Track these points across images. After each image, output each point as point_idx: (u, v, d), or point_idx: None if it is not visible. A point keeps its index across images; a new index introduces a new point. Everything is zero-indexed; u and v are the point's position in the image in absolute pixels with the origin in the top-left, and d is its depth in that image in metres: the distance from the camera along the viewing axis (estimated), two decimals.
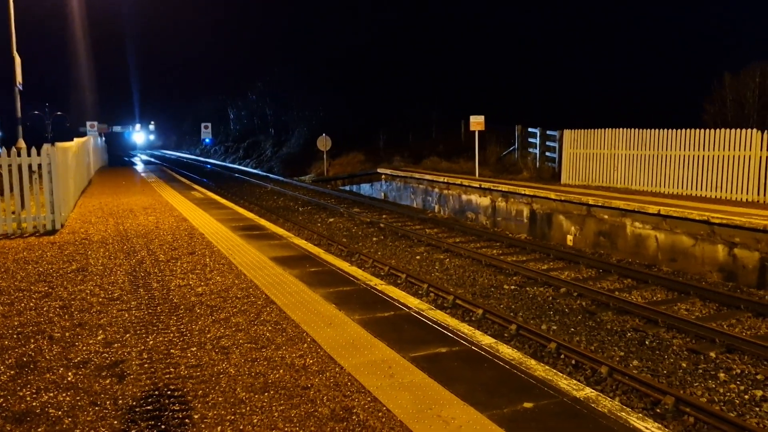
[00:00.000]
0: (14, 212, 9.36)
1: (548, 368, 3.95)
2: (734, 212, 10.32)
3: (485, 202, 15.93)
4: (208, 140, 53.22)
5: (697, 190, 13.04)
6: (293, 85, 42.23)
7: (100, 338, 4.49)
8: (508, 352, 4.23)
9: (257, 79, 49.53)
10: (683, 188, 13.30)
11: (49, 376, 3.82)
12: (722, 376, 6.12)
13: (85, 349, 4.28)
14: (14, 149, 9.34)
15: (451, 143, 25.00)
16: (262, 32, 54.85)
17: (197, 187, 17.64)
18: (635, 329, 7.49)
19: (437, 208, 18.32)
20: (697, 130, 13.14)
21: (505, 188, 15.10)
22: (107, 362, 4.03)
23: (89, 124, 34.05)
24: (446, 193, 17.83)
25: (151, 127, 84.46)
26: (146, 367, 3.94)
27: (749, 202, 11.96)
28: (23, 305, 5.34)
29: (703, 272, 10.20)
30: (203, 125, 45.69)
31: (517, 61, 36.41)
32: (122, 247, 7.96)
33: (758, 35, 31.47)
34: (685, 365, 6.41)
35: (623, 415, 3.28)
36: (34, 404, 3.44)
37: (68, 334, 4.59)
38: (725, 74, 17.20)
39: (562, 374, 3.88)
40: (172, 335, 4.53)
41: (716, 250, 10.04)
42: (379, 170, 22.97)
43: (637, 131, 14.39)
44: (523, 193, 14.46)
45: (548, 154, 18.69)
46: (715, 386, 5.89)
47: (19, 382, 3.73)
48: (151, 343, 4.38)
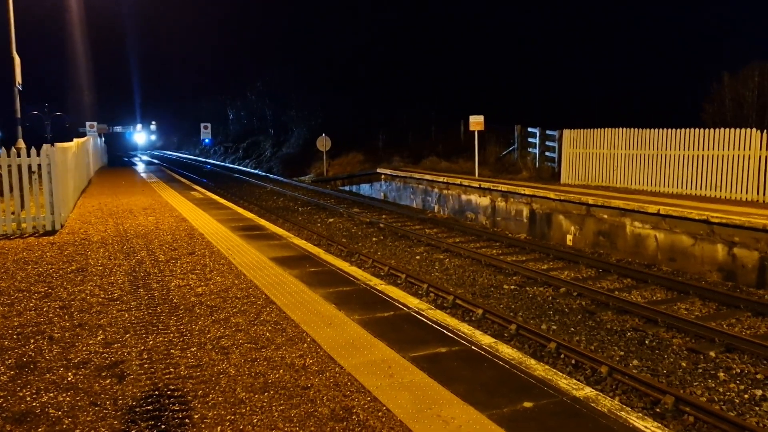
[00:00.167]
0: (14, 213, 9.36)
1: (548, 368, 3.96)
2: (733, 212, 10.32)
3: (485, 202, 15.93)
4: (207, 140, 53.12)
5: (696, 189, 13.05)
6: (293, 85, 42.17)
7: (99, 338, 4.49)
8: (508, 351, 4.23)
9: (257, 79, 49.45)
10: (683, 188, 13.31)
11: (49, 376, 3.82)
12: (722, 375, 6.13)
13: (85, 349, 4.28)
14: (14, 149, 9.35)
15: (450, 143, 24.98)
16: (261, 32, 54.76)
17: (197, 187, 17.64)
18: (635, 329, 7.50)
19: (437, 208, 18.32)
20: (696, 129, 13.15)
21: (504, 188, 15.11)
22: (107, 362, 4.03)
23: (89, 124, 33.94)
24: (446, 193, 17.84)
25: (152, 127, 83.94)
26: (146, 367, 3.94)
27: (748, 201, 11.97)
28: (23, 306, 5.34)
29: (702, 272, 10.21)
30: (203, 125, 45.59)
31: (516, 61, 36.39)
32: (122, 247, 7.96)
33: (757, 35, 31.47)
34: (684, 365, 6.41)
35: (623, 414, 3.29)
36: (34, 404, 3.44)
37: (68, 334, 4.59)
38: (724, 74, 17.17)
39: (561, 374, 3.89)
40: (171, 335, 4.53)
41: (716, 249, 10.04)
42: (378, 170, 22.97)
43: (636, 131, 14.40)
44: (522, 192, 14.47)
45: (548, 153, 18.70)
46: (714, 385, 5.90)
47: (19, 382, 3.74)
48: (150, 343, 4.38)
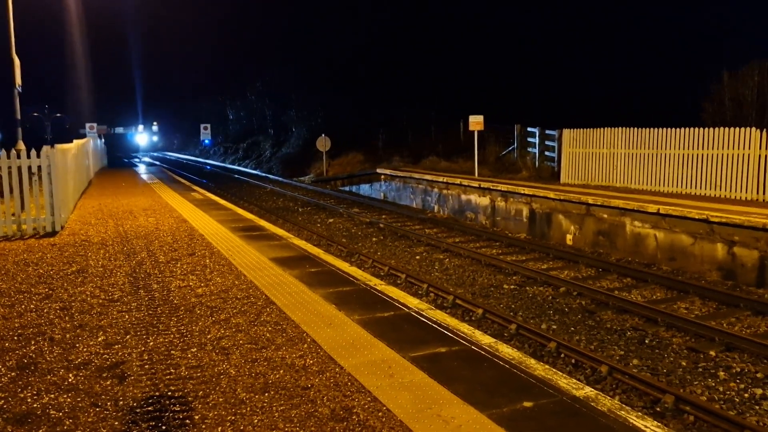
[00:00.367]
0: (14, 214, 9.37)
1: (548, 367, 3.96)
2: (733, 211, 10.33)
3: (484, 201, 15.94)
4: (207, 141, 53.09)
5: (696, 188, 13.05)
6: (293, 85, 42.16)
7: (100, 339, 4.50)
8: (507, 351, 4.23)
9: (256, 79, 49.45)
10: (682, 187, 13.31)
11: (49, 377, 3.83)
12: (722, 374, 6.13)
13: (85, 350, 4.29)
14: (14, 151, 9.36)
15: (450, 143, 24.99)
16: (261, 32, 54.75)
17: (197, 188, 17.65)
18: (635, 328, 7.50)
19: (436, 208, 18.33)
20: (696, 129, 13.15)
21: (504, 188, 15.11)
22: (108, 363, 4.04)
23: (88, 125, 33.88)
24: (445, 192, 17.84)
25: (154, 128, 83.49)
26: (147, 368, 3.95)
27: (748, 200, 11.98)
28: (24, 307, 5.35)
29: (702, 271, 10.21)
30: (202, 126, 45.54)
31: (516, 61, 36.40)
32: (122, 248, 7.96)
33: (757, 34, 31.46)
34: (684, 364, 6.42)
35: (623, 413, 3.29)
36: (35, 406, 3.45)
37: (69, 335, 4.60)
38: (724, 73, 17.19)
39: (561, 373, 3.90)
40: (172, 336, 4.54)
41: (715, 248, 10.05)
42: (378, 170, 22.98)
43: (636, 130, 14.40)
44: (522, 192, 14.47)
45: (547, 153, 18.71)
46: (714, 385, 5.90)
47: (20, 383, 3.74)
48: (151, 344, 4.39)
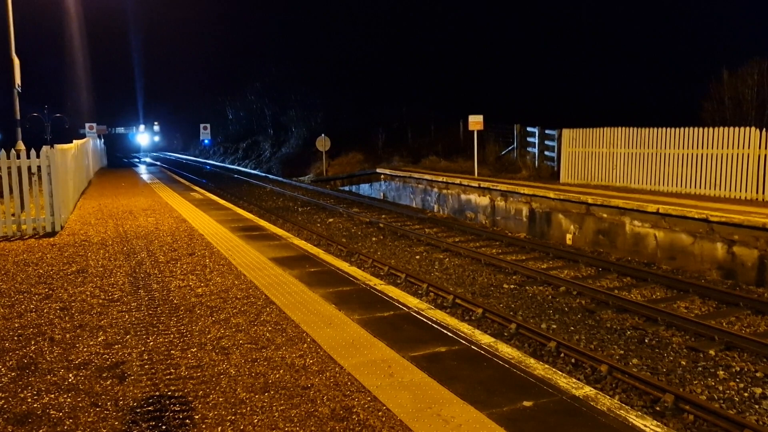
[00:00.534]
0: (14, 214, 9.38)
1: (548, 367, 3.97)
2: (733, 210, 10.34)
3: (484, 201, 15.94)
4: (207, 141, 53.05)
5: (695, 188, 13.06)
6: (292, 85, 42.17)
7: (100, 339, 4.50)
8: (507, 351, 4.24)
9: (256, 79, 49.46)
10: (682, 186, 13.32)
11: (50, 377, 3.83)
12: (722, 373, 6.13)
13: (85, 350, 4.29)
14: (14, 151, 9.36)
15: (449, 143, 25.01)
16: (261, 32, 54.80)
17: (196, 188, 17.64)
18: (635, 327, 7.50)
19: (436, 207, 18.33)
20: (695, 128, 13.16)
21: (504, 187, 15.11)
22: (108, 363, 4.04)
23: (88, 125, 33.83)
24: (445, 192, 17.84)
25: (155, 128, 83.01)
26: (147, 368, 3.95)
27: (748, 200, 11.98)
28: (24, 307, 5.35)
29: (702, 270, 10.22)
30: (202, 126, 45.49)
31: (516, 60, 36.43)
32: (122, 248, 7.97)
33: (757, 34, 31.45)
34: (684, 363, 6.42)
35: (622, 413, 3.30)
36: (35, 406, 3.45)
37: (69, 335, 4.60)
38: (723, 72, 17.17)
39: (561, 373, 3.90)
40: (172, 336, 4.54)
41: (715, 248, 10.05)
42: (378, 170, 22.98)
43: (635, 130, 14.40)
44: (522, 192, 14.48)
45: (547, 153, 18.72)
46: (714, 384, 5.91)
47: (20, 383, 3.74)
48: (151, 344, 4.39)
